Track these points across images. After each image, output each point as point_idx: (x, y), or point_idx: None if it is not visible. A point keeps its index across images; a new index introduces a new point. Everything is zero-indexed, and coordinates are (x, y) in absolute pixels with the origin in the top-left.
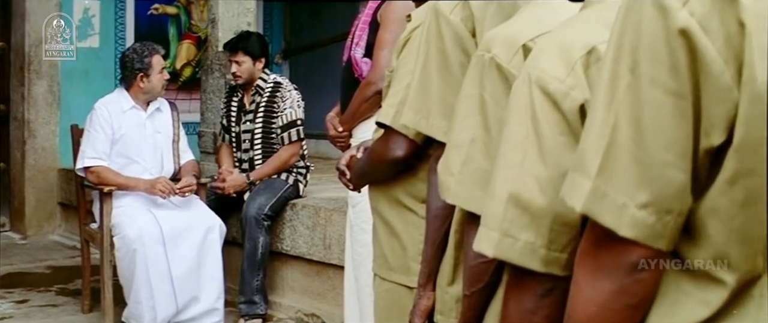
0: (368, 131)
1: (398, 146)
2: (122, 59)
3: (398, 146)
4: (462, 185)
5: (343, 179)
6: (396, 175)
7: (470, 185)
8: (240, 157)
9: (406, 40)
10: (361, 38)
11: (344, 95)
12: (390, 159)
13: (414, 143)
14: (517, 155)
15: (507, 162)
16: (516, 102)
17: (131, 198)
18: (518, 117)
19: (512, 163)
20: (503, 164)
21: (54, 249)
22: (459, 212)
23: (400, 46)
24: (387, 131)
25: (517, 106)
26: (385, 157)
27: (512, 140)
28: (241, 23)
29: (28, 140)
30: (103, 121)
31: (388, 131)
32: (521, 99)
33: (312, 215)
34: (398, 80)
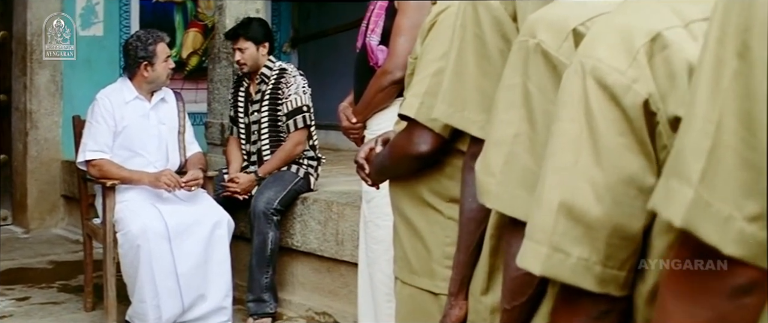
0: (383, 123)
1: (423, 140)
2: (125, 47)
3: (423, 140)
4: (504, 187)
5: (362, 174)
6: (419, 171)
7: (513, 187)
8: (249, 149)
9: (432, 25)
10: (376, 24)
11: (358, 84)
12: (414, 154)
13: (440, 138)
14: (569, 157)
15: (557, 164)
16: (568, 95)
17: (135, 192)
18: (570, 113)
19: (563, 166)
20: (553, 166)
21: (57, 243)
22: (496, 214)
23: (424, 31)
24: (411, 123)
25: (568, 100)
26: (409, 152)
27: (563, 138)
28: (249, 10)
29: (31, 131)
30: (105, 112)
31: (412, 124)
32: (574, 92)
33: (324, 210)
34: (423, 68)
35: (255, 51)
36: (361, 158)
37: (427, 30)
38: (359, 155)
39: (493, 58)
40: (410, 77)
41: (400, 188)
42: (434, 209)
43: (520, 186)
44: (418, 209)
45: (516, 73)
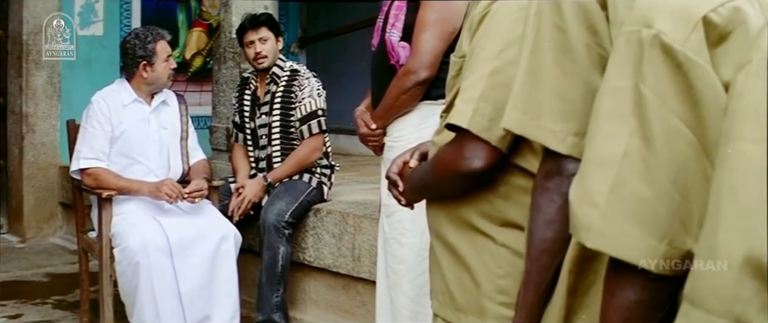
0: (405, 128)
1: (477, 154)
2: (123, 46)
3: (477, 154)
4: (610, 221)
5: (395, 192)
6: (468, 191)
7: (622, 222)
8: (257, 155)
9: (483, 16)
10: (397, 18)
11: (377, 85)
12: (465, 171)
13: (497, 152)
14: (757, 191)
15: (740, 201)
16: (751, 105)
17: (134, 204)
18: (755, 130)
19: (749, 204)
20: (734, 205)
21: (54, 253)
22: (578, 246)
23: (474, 24)
24: (461, 134)
25: (751, 112)
26: (459, 168)
27: (747, 165)
28: (257, 7)
29: (27, 136)
30: (101, 116)
31: (463, 136)
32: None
33: (339, 222)
34: (476, 69)
35: (275, 44)
36: (393, 174)
37: (477, 22)
38: (391, 171)
39: (577, 55)
40: (454, 79)
41: (441, 210)
42: (484, 235)
43: (632, 221)
44: (463, 234)
45: (624, 73)
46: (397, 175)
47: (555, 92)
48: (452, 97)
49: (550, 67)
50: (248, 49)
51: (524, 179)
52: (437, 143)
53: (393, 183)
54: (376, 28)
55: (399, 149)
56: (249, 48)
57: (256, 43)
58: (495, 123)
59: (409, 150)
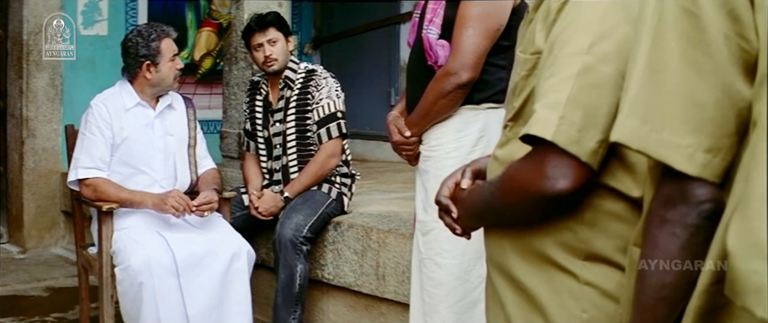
0: (444, 136)
1: (562, 172)
2: (124, 44)
3: (562, 172)
4: None
5: (447, 219)
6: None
7: None
8: (271, 166)
9: (565, 2)
10: (435, 13)
11: (412, 88)
12: (547, 193)
13: (587, 170)
14: None
15: None
16: None
17: (137, 218)
18: None
19: None
20: None
21: (55, 265)
22: (704, 296)
23: (552, 12)
24: (540, 148)
25: None
26: (539, 189)
27: None
28: (271, 5)
29: (27, 140)
30: (101, 121)
31: (545, 149)
32: None
33: (361, 237)
34: (559, 67)
35: (285, 45)
36: (444, 199)
37: (556, 10)
38: (441, 194)
39: (713, 48)
40: (525, 80)
41: (506, 239)
42: (564, 271)
43: None
44: (536, 269)
45: None
46: (449, 198)
47: (683, 95)
48: (522, 102)
49: (678, 63)
50: (256, 52)
51: (614, 203)
52: (502, 158)
53: (445, 209)
54: (412, 25)
55: (436, 158)
56: (257, 51)
57: (265, 46)
58: (585, 134)
59: (460, 169)
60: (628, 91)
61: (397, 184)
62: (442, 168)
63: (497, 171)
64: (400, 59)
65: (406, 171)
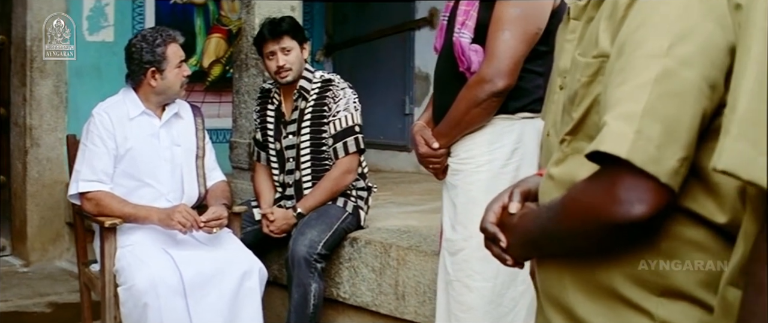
0: (476, 148)
1: (638, 195)
2: (128, 50)
3: (638, 195)
4: None
5: (495, 249)
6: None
7: None
8: (283, 180)
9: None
10: (468, 16)
11: (441, 95)
12: (620, 220)
13: (667, 193)
14: None
15: None
16: None
17: (141, 234)
18: None
19: None
20: None
21: (59, 279)
22: None
23: (621, 8)
24: (611, 167)
25: None
26: (610, 215)
27: None
28: (283, 8)
29: (31, 150)
30: (104, 131)
31: (616, 169)
32: None
33: (379, 254)
34: (634, 70)
35: (300, 53)
36: (491, 226)
37: (625, 6)
38: (487, 220)
39: None
40: (585, 88)
41: (566, 271)
42: (636, 309)
43: None
44: (603, 306)
45: None
46: (496, 225)
47: None
48: (583, 113)
49: None
50: (269, 61)
51: (696, 230)
52: (560, 178)
53: (491, 237)
54: (439, 28)
55: (467, 172)
56: (270, 60)
57: (278, 55)
58: (665, 150)
59: (506, 191)
60: (734, 108)
61: (413, 196)
62: (473, 183)
63: (554, 193)
64: (415, 66)
65: (422, 182)
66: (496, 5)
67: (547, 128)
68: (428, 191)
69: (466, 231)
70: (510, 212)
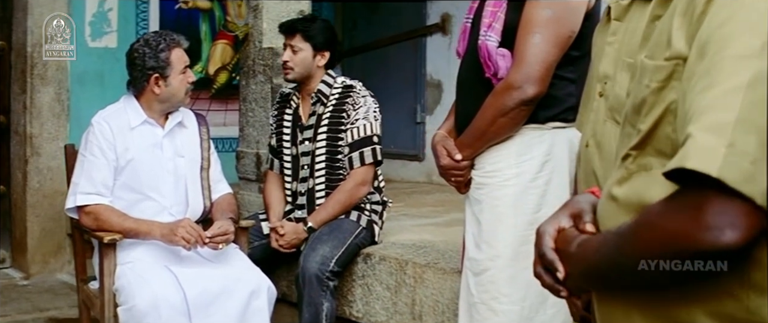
0: (502, 160)
1: (730, 220)
2: (129, 55)
3: (730, 220)
4: None
5: (548, 279)
6: None
7: None
8: (295, 188)
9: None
10: (495, 17)
11: (464, 103)
12: (707, 249)
13: (763, 216)
14: None
15: None
16: None
17: (143, 250)
18: None
19: None
20: None
21: (60, 292)
22: None
23: (699, 5)
24: (695, 188)
25: None
26: (696, 244)
27: None
28: (293, 11)
29: (31, 159)
30: (103, 141)
31: (703, 189)
32: None
33: (395, 271)
34: (721, 74)
35: (310, 57)
36: (550, 251)
37: (705, 2)
38: (546, 245)
39: None
40: (656, 95)
41: (634, 307)
42: None
43: None
44: None
45: None
46: (554, 250)
47: None
48: (653, 123)
49: None
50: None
51: None
52: (625, 199)
53: (548, 266)
54: (462, 31)
55: (493, 186)
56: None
57: (286, 51)
58: (761, 167)
59: (560, 213)
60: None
61: (427, 207)
62: (500, 198)
63: (619, 217)
64: (427, 74)
65: (434, 193)
66: (526, 6)
67: (586, 139)
68: (441, 202)
69: (492, 250)
70: (588, 231)
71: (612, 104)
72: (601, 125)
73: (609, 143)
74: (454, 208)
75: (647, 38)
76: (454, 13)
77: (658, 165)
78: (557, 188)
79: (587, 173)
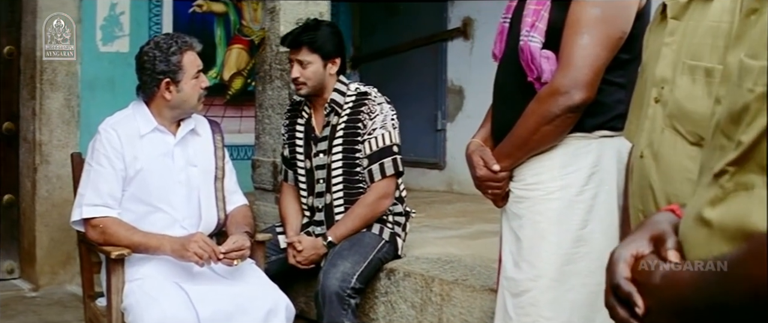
0: (545, 172)
1: None
2: (139, 58)
3: None
4: None
5: (623, 314)
6: None
7: None
8: (312, 203)
9: None
10: (538, 16)
11: (503, 110)
12: None
13: None
14: None
15: None
16: None
17: (152, 267)
18: None
19: None
20: None
21: (69, 305)
22: None
23: None
24: None
25: None
26: None
27: None
28: (312, 13)
29: (40, 167)
30: (111, 150)
31: None
32: None
33: (420, 288)
34: None
35: (321, 67)
36: (626, 283)
37: None
38: (620, 274)
39: None
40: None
41: None
42: None
43: None
44: None
45: None
46: (630, 282)
47: None
48: (757, 136)
49: None
50: (291, 68)
51: None
52: (722, 224)
53: (626, 297)
54: (498, 32)
55: (534, 200)
56: (292, 68)
57: (294, 67)
58: None
59: (639, 234)
60: None
61: (449, 218)
62: (542, 213)
63: (715, 245)
64: (448, 79)
65: (455, 202)
66: (572, 5)
67: (640, 149)
68: (463, 212)
69: (534, 270)
70: (646, 263)
71: (671, 111)
72: (658, 134)
73: (668, 154)
74: (477, 219)
75: (741, 36)
76: (476, 17)
77: (761, 184)
78: (605, 203)
79: (642, 186)
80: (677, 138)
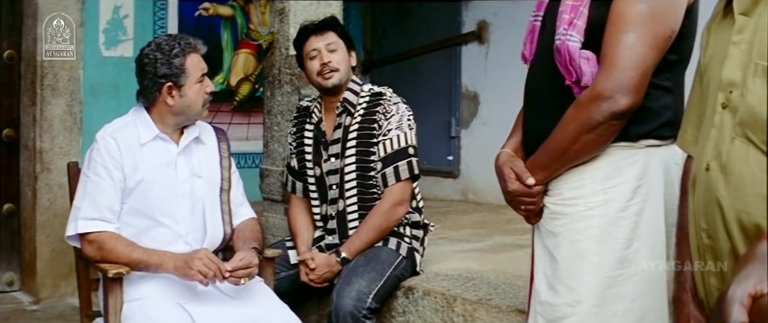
0: (586, 186)
1: None
2: (139, 61)
3: None
4: None
5: None
6: None
7: None
8: (325, 212)
9: None
10: (576, 13)
11: (536, 117)
12: None
13: None
14: None
15: None
16: None
17: (153, 286)
18: None
19: None
20: None
21: (70, 319)
22: None
23: None
24: None
25: None
26: None
27: None
28: (323, 14)
29: (41, 175)
30: (109, 160)
31: None
32: None
33: (441, 308)
34: None
35: (347, 57)
36: None
37: None
38: (735, 317)
39: None
40: None
41: None
42: None
43: None
44: None
45: None
46: None
47: None
48: None
49: None
50: (311, 61)
51: None
52: None
53: None
54: (529, 32)
55: (573, 217)
56: (312, 59)
57: (322, 52)
58: None
59: (752, 269)
60: None
61: (466, 230)
62: (582, 231)
63: None
64: (462, 85)
65: (471, 213)
66: (615, 1)
67: (705, 161)
68: (480, 223)
69: (573, 294)
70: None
71: (743, 118)
72: (727, 144)
73: (739, 166)
74: (496, 230)
75: None
76: (491, 20)
77: None
78: (651, 219)
79: (707, 202)
80: (749, 148)
